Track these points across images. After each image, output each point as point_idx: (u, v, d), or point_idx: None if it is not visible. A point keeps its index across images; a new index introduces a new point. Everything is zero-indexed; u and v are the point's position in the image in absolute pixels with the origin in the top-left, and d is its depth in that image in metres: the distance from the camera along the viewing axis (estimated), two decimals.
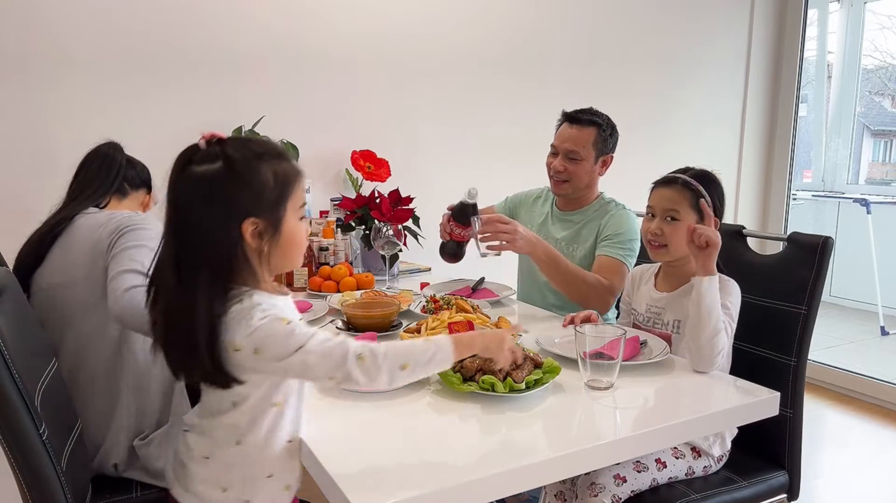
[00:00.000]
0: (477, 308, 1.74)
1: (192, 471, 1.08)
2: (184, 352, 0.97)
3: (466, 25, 2.97)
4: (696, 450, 1.50)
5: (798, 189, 4.71)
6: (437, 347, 1.03)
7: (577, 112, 2.08)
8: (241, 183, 0.97)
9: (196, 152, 0.98)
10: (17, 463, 1.09)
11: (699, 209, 1.55)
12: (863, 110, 5.01)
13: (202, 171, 0.96)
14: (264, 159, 0.99)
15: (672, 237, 1.57)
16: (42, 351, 1.27)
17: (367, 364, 0.97)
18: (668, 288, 1.64)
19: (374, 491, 0.92)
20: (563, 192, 2.11)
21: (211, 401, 1.07)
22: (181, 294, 0.96)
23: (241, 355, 0.96)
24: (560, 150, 2.07)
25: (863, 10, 4.50)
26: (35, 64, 2.23)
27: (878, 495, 2.50)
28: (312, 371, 0.97)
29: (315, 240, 2.25)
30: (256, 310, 0.96)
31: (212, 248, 0.96)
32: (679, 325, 1.58)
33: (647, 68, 3.49)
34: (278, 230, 1.00)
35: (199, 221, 0.96)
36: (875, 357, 4.09)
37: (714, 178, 1.61)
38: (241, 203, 0.97)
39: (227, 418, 1.04)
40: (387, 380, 0.99)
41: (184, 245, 0.97)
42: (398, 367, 0.99)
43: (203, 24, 2.46)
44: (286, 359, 0.95)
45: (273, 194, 0.99)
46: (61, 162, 2.29)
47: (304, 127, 2.67)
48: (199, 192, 0.96)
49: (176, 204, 0.98)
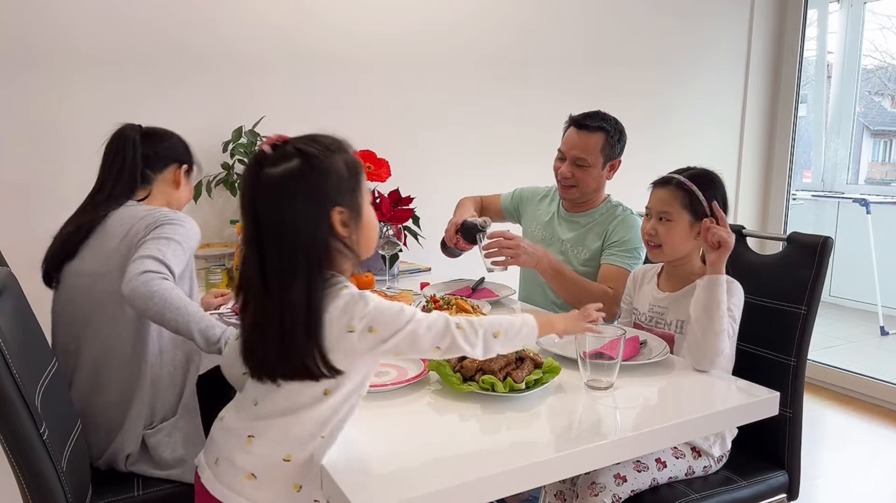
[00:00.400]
0: (477, 308, 1.74)
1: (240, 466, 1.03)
2: (278, 352, 0.97)
3: (467, 25, 2.97)
4: (696, 449, 1.50)
5: (798, 189, 4.71)
6: (524, 321, 1.12)
7: (584, 117, 2.03)
8: (323, 174, 0.99)
9: (265, 157, 0.99)
10: (17, 462, 1.09)
11: (694, 209, 1.55)
12: (862, 110, 5.01)
13: (282, 171, 0.97)
14: (335, 151, 1.02)
15: (666, 237, 1.57)
16: (42, 351, 1.27)
17: (466, 332, 1.04)
18: (671, 288, 1.64)
19: (375, 491, 0.92)
20: (570, 196, 2.10)
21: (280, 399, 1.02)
22: (272, 301, 0.96)
23: (355, 336, 0.98)
24: (567, 156, 2.04)
25: (863, 10, 4.50)
26: (37, 63, 2.23)
27: (877, 495, 2.50)
28: (421, 341, 1.01)
29: None
30: (366, 293, 1.00)
31: (307, 243, 0.97)
32: (682, 326, 1.58)
33: (648, 68, 3.49)
34: (360, 216, 1.03)
35: (290, 220, 0.97)
36: (875, 357, 4.09)
37: (714, 177, 1.60)
38: (326, 193, 0.99)
39: (311, 412, 1.01)
40: (482, 346, 1.06)
41: (275, 249, 0.97)
42: (492, 335, 1.07)
43: (204, 24, 2.46)
44: (399, 333, 0.99)
45: (350, 182, 1.02)
46: (63, 161, 2.30)
47: (304, 127, 2.64)
48: (284, 192, 0.97)
49: (258, 211, 0.98)
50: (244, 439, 1.03)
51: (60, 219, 1.55)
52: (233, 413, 1.09)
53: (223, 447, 1.06)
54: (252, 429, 1.03)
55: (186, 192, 1.67)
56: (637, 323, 1.70)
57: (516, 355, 1.29)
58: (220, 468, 1.05)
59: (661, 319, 1.63)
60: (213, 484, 1.05)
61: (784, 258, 1.66)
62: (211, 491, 1.05)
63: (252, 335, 1.01)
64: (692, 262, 1.62)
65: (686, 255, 1.61)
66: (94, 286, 1.46)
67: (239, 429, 1.05)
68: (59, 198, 2.27)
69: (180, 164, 1.63)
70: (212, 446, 1.09)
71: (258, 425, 1.03)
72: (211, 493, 1.05)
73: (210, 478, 1.06)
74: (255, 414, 1.04)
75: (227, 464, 1.04)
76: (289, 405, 1.02)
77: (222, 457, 1.05)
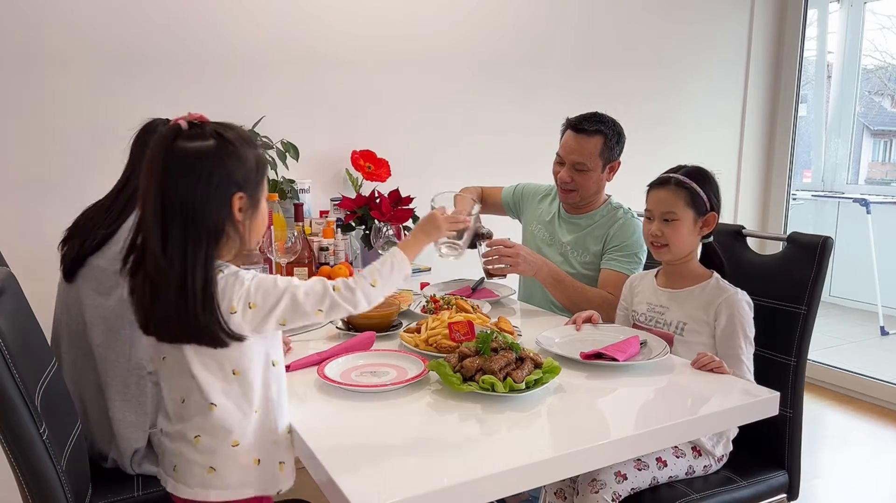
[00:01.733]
0: (477, 308, 1.74)
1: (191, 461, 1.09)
2: (173, 315, 1.01)
3: (468, 27, 2.97)
4: (696, 449, 1.51)
5: (798, 189, 4.71)
6: (391, 255, 1.17)
7: (581, 120, 2.01)
8: (235, 160, 1.04)
9: (181, 131, 1.03)
10: (17, 462, 1.09)
11: (696, 206, 1.57)
12: (863, 110, 5.01)
13: (196, 146, 1.02)
14: (249, 144, 1.08)
15: (673, 237, 1.58)
16: (42, 351, 1.27)
17: (342, 292, 1.08)
18: (671, 285, 1.65)
19: (374, 491, 0.92)
20: (570, 200, 2.09)
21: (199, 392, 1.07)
22: (170, 262, 1.00)
23: (238, 316, 1.02)
24: (566, 160, 2.02)
25: (863, 10, 4.50)
26: (37, 63, 2.23)
27: (878, 495, 2.50)
28: (302, 307, 1.05)
29: (315, 240, 2.25)
30: (240, 273, 1.05)
31: (204, 219, 1.01)
32: (683, 328, 1.58)
33: (648, 69, 3.49)
34: (257, 208, 1.09)
35: (193, 193, 1.00)
36: (875, 357, 4.09)
37: (707, 174, 1.62)
38: (234, 179, 1.04)
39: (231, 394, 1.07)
40: (363, 298, 1.10)
41: (172, 215, 1.00)
42: (369, 286, 1.11)
43: (204, 25, 2.46)
44: (279, 303, 1.04)
45: (256, 175, 1.08)
46: (63, 161, 2.30)
47: (304, 127, 2.67)
48: (194, 166, 1.01)
49: (165, 176, 1.01)
50: (191, 441, 1.08)
51: (60, 219, 1.55)
52: (167, 421, 1.13)
53: (175, 454, 1.11)
54: (193, 429, 1.08)
55: None
56: (636, 323, 1.70)
57: (516, 355, 1.29)
58: (179, 473, 1.10)
59: (661, 319, 1.63)
60: (180, 489, 1.10)
61: (784, 258, 1.66)
62: (181, 495, 1.10)
63: (148, 299, 1.03)
64: (692, 261, 1.63)
65: (689, 253, 1.62)
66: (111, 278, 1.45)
67: (182, 432, 1.09)
68: (58, 198, 2.27)
69: None
70: (165, 457, 1.14)
71: (195, 423, 1.07)
72: (182, 498, 1.10)
73: (175, 485, 1.11)
74: (188, 412, 1.08)
75: (184, 467, 1.09)
76: (210, 393, 1.06)
77: (179, 463, 1.10)
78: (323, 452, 1.03)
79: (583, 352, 1.42)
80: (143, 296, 1.04)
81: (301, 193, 2.56)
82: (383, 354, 1.46)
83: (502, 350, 1.29)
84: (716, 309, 1.54)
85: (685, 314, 1.58)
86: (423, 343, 1.48)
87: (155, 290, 1.02)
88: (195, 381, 1.05)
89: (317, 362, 1.40)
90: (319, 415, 1.19)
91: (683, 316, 1.59)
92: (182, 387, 1.08)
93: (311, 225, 2.43)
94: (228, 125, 1.08)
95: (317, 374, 1.33)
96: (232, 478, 1.08)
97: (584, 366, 1.41)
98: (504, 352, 1.28)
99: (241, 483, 1.09)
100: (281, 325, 1.06)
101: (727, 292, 1.55)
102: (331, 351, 1.47)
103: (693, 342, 1.56)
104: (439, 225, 1.28)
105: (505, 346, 1.30)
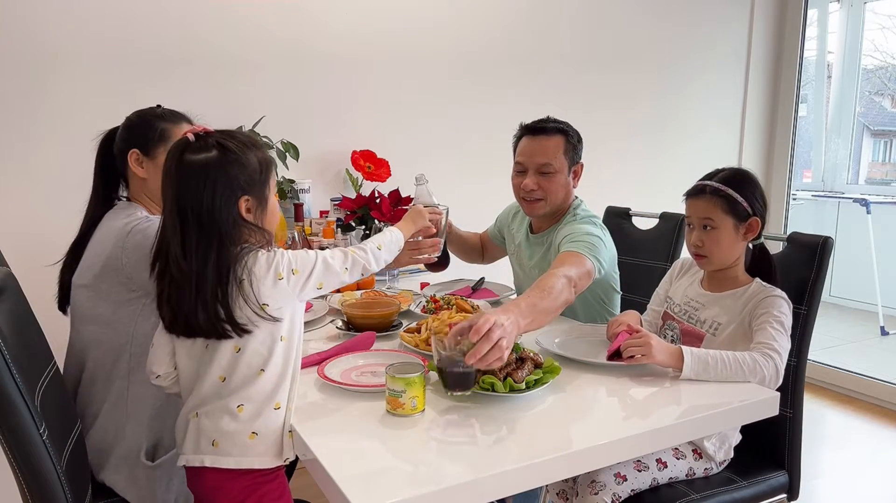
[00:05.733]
0: (477, 308, 1.74)
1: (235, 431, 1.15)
2: (193, 310, 1.11)
3: (468, 28, 2.97)
4: (697, 451, 1.50)
5: (798, 189, 4.71)
6: (388, 230, 1.46)
7: (537, 122, 1.89)
8: (236, 167, 1.13)
9: (189, 145, 1.13)
10: (17, 463, 1.09)
11: (736, 212, 1.50)
12: (863, 110, 5.01)
13: (201, 158, 1.12)
14: (251, 148, 1.17)
15: (714, 246, 1.52)
16: (42, 351, 1.27)
17: (356, 253, 1.29)
18: (713, 289, 1.59)
19: (374, 491, 0.92)
20: (539, 211, 1.89)
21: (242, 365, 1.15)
22: (188, 264, 1.10)
23: (284, 282, 1.15)
24: (529, 165, 1.86)
25: (863, 10, 4.50)
26: (37, 63, 2.23)
27: (878, 495, 2.50)
28: (332, 267, 1.22)
29: (315, 240, 2.25)
30: (277, 249, 1.17)
31: (214, 223, 1.11)
32: (717, 328, 1.53)
33: (647, 70, 3.49)
34: (266, 205, 1.19)
35: (201, 202, 1.10)
36: (875, 357, 4.09)
37: (746, 176, 1.54)
38: (237, 184, 1.13)
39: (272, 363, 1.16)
40: (373, 258, 1.32)
41: (187, 223, 1.11)
42: (376, 248, 1.35)
43: (204, 25, 2.46)
44: (315, 267, 1.19)
45: (261, 177, 1.17)
46: (63, 161, 2.30)
47: (304, 127, 2.67)
48: (200, 177, 1.11)
49: (177, 188, 1.12)
50: (234, 410, 1.14)
51: (60, 219, 1.55)
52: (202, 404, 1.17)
53: (214, 430, 1.15)
54: (237, 399, 1.15)
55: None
56: (668, 312, 1.66)
57: (516, 355, 1.29)
58: (220, 447, 1.15)
59: (695, 315, 1.59)
60: (221, 461, 1.15)
61: (784, 258, 1.66)
62: (224, 466, 1.15)
63: (175, 299, 1.13)
64: (737, 266, 1.56)
65: (734, 261, 1.55)
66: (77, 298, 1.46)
67: (224, 406, 1.15)
68: (59, 198, 2.27)
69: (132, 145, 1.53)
70: (199, 438, 1.17)
71: (240, 394, 1.15)
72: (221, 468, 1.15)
73: (216, 459, 1.15)
74: (229, 389, 1.15)
75: (226, 439, 1.15)
76: (255, 363, 1.15)
77: (218, 437, 1.15)
78: (323, 452, 1.03)
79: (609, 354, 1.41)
80: (170, 297, 1.13)
81: (301, 193, 2.56)
82: (383, 354, 1.46)
83: None
84: (752, 309, 1.48)
85: (720, 314, 1.54)
86: (423, 343, 1.48)
87: (180, 290, 1.11)
88: (244, 354, 1.14)
89: (317, 362, 1.40)
90: (319, 415, 1.19)
91: (719, 317, 1.54)
92: (223, 366, 1.15)
93: (311, 225, 2.43)
94: (230, 133, 1.17)
95: (317, 374, 1.33)
96: (269, 444, 1.15)
97: (585, 367, 1.41)
98: None
99: (275, 450, 1.16)
100: (318, 289, 1.20)
101: (766, 292, 1.49)
102: (331, 351, 1.47)
103: (725, 345, 1.49)
104: (424, 215, 1.60)
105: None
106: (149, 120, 1.53)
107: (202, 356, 1.17)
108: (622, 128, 2.10)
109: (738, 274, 1.56)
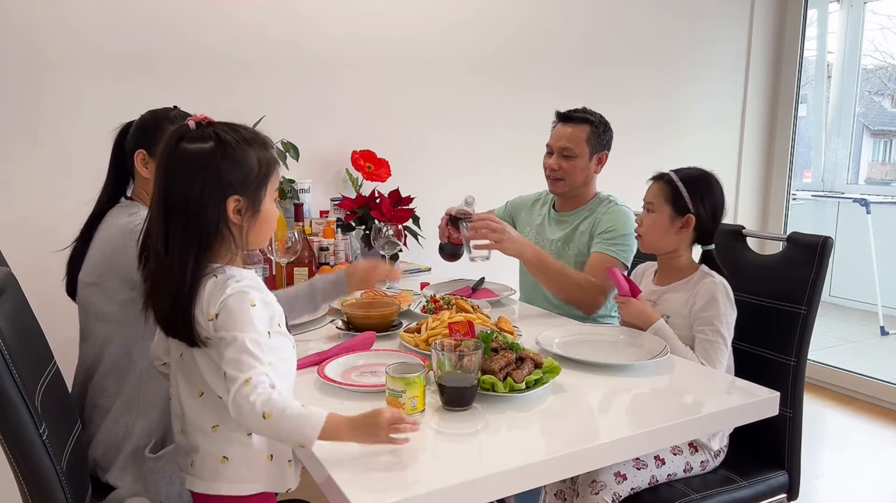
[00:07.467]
0: (477, 308, 1.74)
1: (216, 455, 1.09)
2: (168, 309, 1.04)
3: (468, 27, 2.97)
4: (693, 444, 1.51)
5: (798, 189, 4.70)
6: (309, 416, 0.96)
7: (569, 111, 2.12)
8: (231, 163, 1.05)
9: (187, 132, 1.05)
10: (17, 462, 1.09)
11: (676, 204, 1.62)
12: (863, 110, 5.01)
13: (194, 148, 1.04)
14: (252, 145, 1.07)
15: (646, 228, 1.67)
16: (42, 351, 1.26)
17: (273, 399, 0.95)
18: (661, 281, 1.70)
19: (374, 491, 0.92)
20: (559, 189, 2.13)
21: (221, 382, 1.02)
22: (168, 260, 1.03)
23: (212, 324, 1.02)
24: (555, 148, 2.10)
25: (863, 10, 4.50)
26: (37, 62, 2.23)
27: (877, 495, 2.50)
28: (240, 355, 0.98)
29: (315, 240, 2.25)
30: (230, 280, 1.04)
31: (199, 221, 1.03)
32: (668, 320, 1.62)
33: (648, 69, 3.49)
34: (258, 210, 1.08)
35: (189, 195, 1.03)
36: (875, 357, 4.09)
37: (707, 178, 1.65)
38: (228, 181, 1.04)
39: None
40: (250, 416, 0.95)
41: (173, 215, 1.03)
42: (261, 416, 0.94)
43: (203, 25, 2.46)
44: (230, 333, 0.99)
45: (257, 177, 1.07)
46: (62, 161, 2.30)
47: (304, 127, 2.67)
48: (191, 169, 1.03)
49: (167, 177, 1.05)
50: (208, 431, 1.08)
51: (60, 219, 1.55)
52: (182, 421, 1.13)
53: (191, 448, 1.11)
54: (211, 419, 1.08)
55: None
56: None
57: (516, 355, 1.29)
58: (195, 467, 1.10)
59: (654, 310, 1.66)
60: (195, 483, 1.11)
61: (784, 258, 1.67)
62: (196, 489, 1.11)
63: (155, 291, 1.06)
64: (680, 258, 1.67)
65: (673, 251, 1.66)
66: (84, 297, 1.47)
67: (200, 425, 1.09)
68: (59, 198, 2.27)
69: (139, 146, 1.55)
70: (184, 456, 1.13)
71: (214, 413, 1.08)
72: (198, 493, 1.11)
73: (191, 481, 1.11)
74: (206, 406, 1.08)
75: (199, 460, 1.10)
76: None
77: (195, 458, 1.10)
78: (323, 452, 1.03)
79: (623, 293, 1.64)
80: (150, 292, 1.07)
81: (301, 193, 2.56)
82: (383, 354, 1.46)
83: (502, 350, 1.29)
84: (694, 297, 1.58)
85: (669, 308, 1.63)
86: (423, 343, 1.48)
87: (156, 284, 1.05)
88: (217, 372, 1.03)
89: (317, 362, 1.40)
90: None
91: (668, 309, 1.63)
92: (200, 380, 1.08)
93: (312, 225, 2.43)
94: (233, 126, 1.09)
95: (317, 374, 1.33)
96: (243, 470, 1.08)
97: (585, 367, 1.41)
98: (504, 352, 1.28)
99: (251, 477, 1.09)
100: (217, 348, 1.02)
101: (705, 279, 1.59)
102: (331, 351, 1.47)
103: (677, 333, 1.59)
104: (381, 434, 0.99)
105: (505, 346, 1.30)
106: (159, 122, 1.54)
107: (180, 363, 1.12)
108: (622, 126, 2.12)
109: (681, 264, 1.67)
